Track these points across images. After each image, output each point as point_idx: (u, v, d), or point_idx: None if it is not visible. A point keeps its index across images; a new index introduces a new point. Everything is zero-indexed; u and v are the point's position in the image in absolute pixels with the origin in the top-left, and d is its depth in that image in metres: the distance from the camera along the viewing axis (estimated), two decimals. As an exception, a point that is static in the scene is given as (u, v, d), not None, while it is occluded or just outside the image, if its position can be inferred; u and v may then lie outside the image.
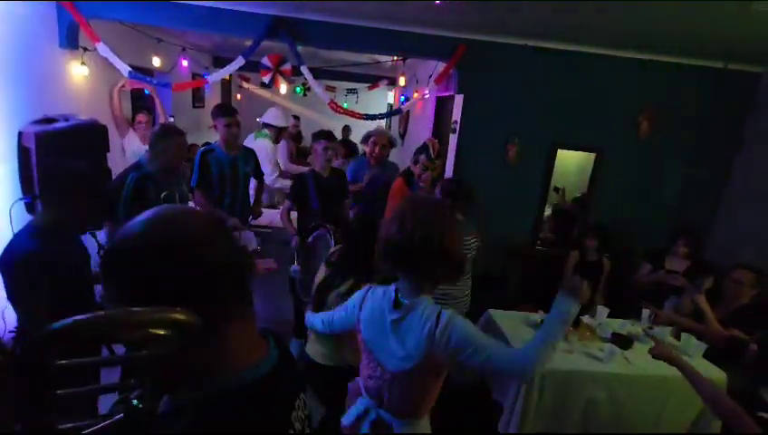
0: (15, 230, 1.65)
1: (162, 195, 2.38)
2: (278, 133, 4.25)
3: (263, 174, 3.30)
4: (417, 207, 1.24)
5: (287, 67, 3.75)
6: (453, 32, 3.32)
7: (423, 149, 2.99)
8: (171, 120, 4.80)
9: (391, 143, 3.36)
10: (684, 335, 2.50)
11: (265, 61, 3.79)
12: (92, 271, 1.86)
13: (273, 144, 4.19)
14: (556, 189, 3.98)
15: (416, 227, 1.18)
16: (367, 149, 3.52)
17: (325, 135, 2.93)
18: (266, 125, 4.19)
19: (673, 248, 3.13)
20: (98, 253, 1.93)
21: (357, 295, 1.42)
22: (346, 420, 1.42)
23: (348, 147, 5.38)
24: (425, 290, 1.27)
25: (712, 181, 3.71)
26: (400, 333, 1.26)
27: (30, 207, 2.34)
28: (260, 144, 4.02)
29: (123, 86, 3.50)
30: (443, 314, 1.23)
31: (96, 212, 1.71)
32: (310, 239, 2.76)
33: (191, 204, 3.00)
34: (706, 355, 2.39)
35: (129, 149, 3.77)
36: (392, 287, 1.31)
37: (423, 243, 1.17)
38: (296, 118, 7.11)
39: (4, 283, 1.50)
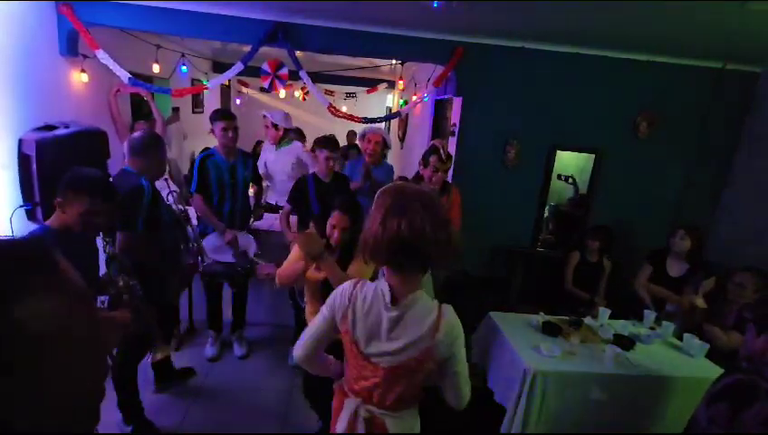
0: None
1: (165, 202, 2.37)
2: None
3: (261, 178, 3.29)
4: (412, 198, 1.21)
5: (285, 72, 3.76)
6: (451, 35, 3.33)
7: (433, 150, 2.89)
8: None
9: (385, 142, 3.36)
10: (686, 336, 2.49)
11: (265, 66, 3.80)
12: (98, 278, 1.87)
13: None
14: (565, 178, 3.89)
15: (424, 220, 1.16)
16: (362, 147, 3.54)
17: (327, 142, 2.88)
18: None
19: (672, 241, 3.01)
20: (106, 261, 1.93)
21: (338, 296, 1.34)
22: (339, 425, 1.39)
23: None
24: (420, 283, 1.26)
25: (711, 181, 3.72)
26: (398, 329, 1.25)
27: (31, 214, 2.35)
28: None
29: (118, 90, 3.51)
30: (446, 310, 1.24)
31: (111, 217, 1.73)
32: None
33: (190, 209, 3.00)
34: (709, 356, 2.38)
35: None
36: (383, 284, 1.26)
37: (434, 235, 1.16)
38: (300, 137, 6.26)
39: None
